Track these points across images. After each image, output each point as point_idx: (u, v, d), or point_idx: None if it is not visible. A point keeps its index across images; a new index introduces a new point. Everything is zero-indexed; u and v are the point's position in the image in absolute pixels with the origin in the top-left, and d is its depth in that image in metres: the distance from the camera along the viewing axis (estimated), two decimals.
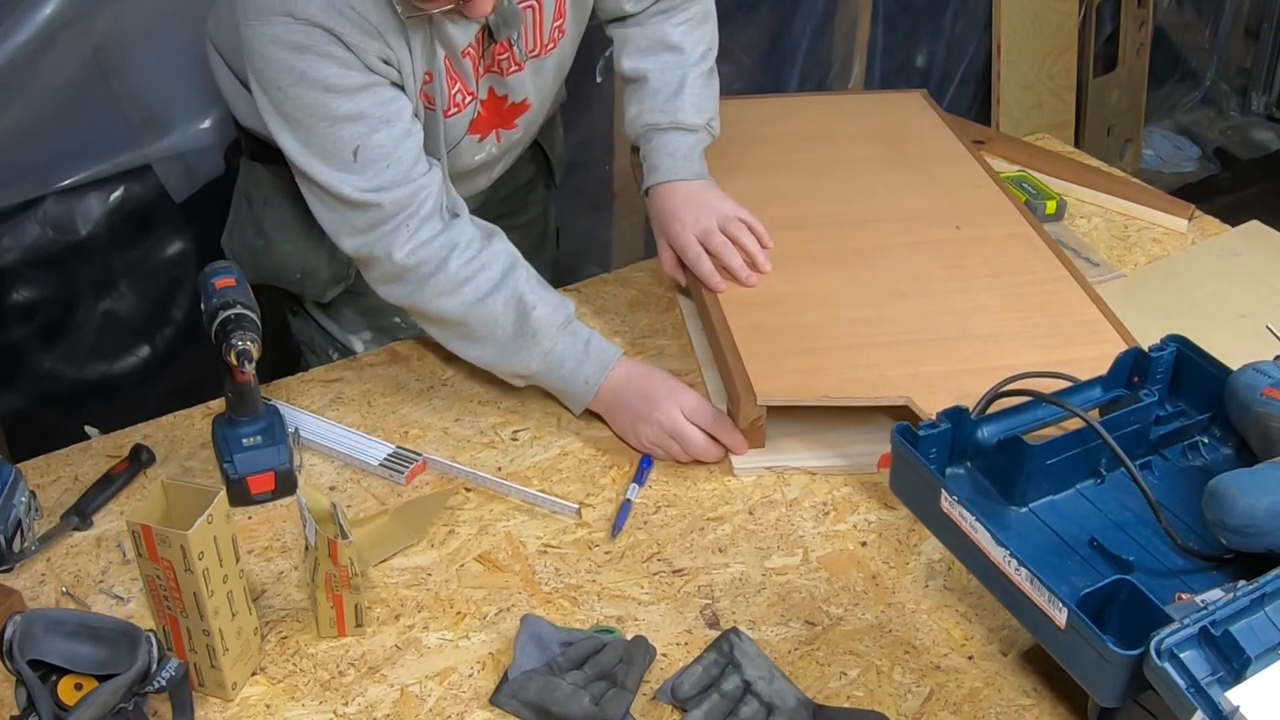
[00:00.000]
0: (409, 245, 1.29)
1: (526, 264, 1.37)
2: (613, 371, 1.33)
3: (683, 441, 1.30)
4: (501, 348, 1.34)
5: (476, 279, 1.31)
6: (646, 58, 1.53)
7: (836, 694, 1.05)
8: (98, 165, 1.87)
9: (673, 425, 1.30)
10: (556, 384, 1.36)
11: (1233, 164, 3.88)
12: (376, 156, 1.26)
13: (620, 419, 1.34)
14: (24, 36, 1.71)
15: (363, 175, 1.26)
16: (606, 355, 1.34)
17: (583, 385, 1.34)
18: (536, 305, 1.32)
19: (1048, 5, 3.20)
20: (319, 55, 1.20)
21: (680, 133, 1.51)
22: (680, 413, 1.30)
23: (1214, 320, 1.51)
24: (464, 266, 1.31)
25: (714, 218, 1.46)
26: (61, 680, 0.95)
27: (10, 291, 1.90)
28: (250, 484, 1.24)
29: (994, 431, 1.11)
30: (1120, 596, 0.93)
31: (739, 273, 1.43)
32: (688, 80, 1.51)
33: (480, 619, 1.13)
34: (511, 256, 1.35)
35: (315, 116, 1.24)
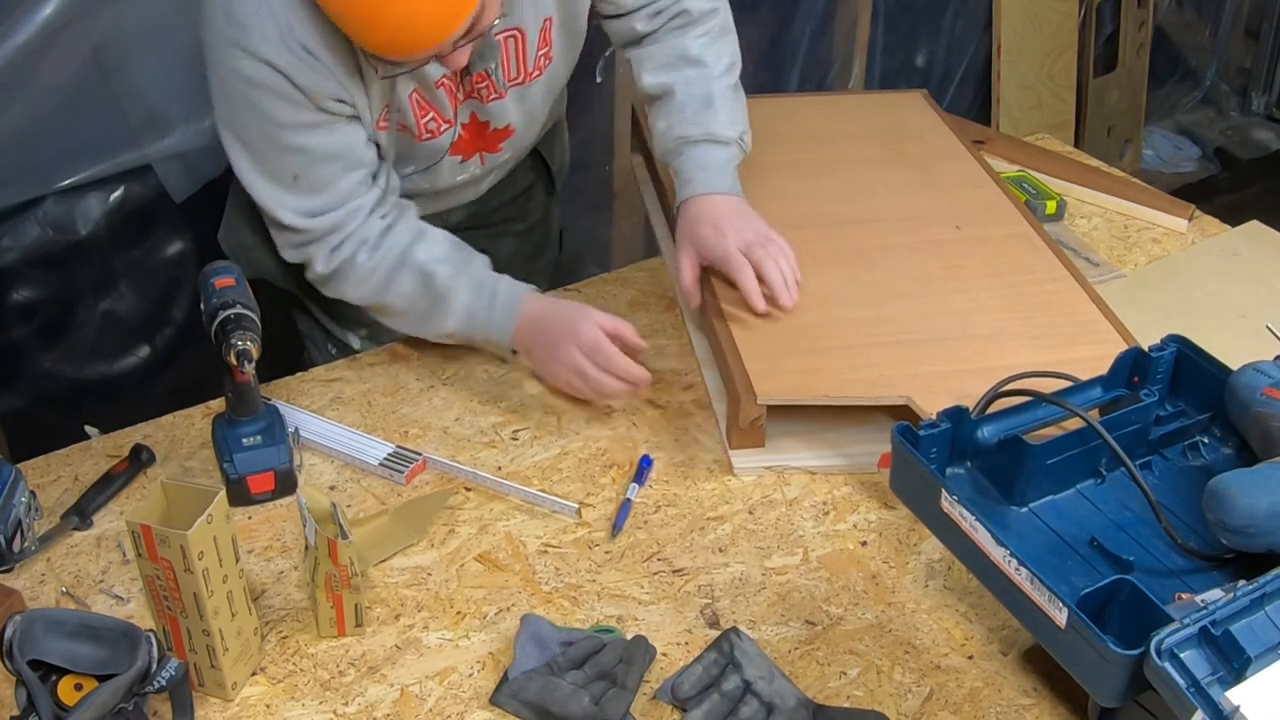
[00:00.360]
0: (329, 257, 1.36)
1: (433, 233, 1.40)
2: (523, 311, 1.36)
3: (588, 380, 1.32)
4: (421, 315, 1.40)
5: (380, 266, 1.37)
6: (669, 72, 1.48)
7: (836, 694, 1.05)
8: (98, 165, 1.87)
9: (574, 365, 1.32)
10: (477, 337, 1.40)
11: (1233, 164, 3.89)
12: (316, 185, 1.32)
13: (537, 357, 1.38)
14: (24, 36, 1.71)
15: (300, 199, 1.33)
16: (513, 299, 1.37)
17: (499, 332, 1.38)
18: (437, 272, 1.36)
19: (1048, 5, 3.20)
20: (269, 92, 1.24)
21: (714, 145, 1.46)
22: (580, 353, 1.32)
23: (1214, 320, 1.51)
24: (369, 258, 1.36)
25: (757, 234, 1.40)
26: (61, 680, 0.95)
27: (10, 291, 1.90)
28: (250, 484, 1.24)
29: (994, 431, 1.11)
30: (1120, 596, 0.93)
31: (779, 291, 1.36)
32: (715, 93, 1.47)
33: (480, 619, 1.13)
34: (412, 234, 1.38)
35: (263, 140, 1.29)
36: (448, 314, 1.37)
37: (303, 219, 1.33)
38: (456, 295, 1.37)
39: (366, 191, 1.35)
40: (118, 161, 1.88)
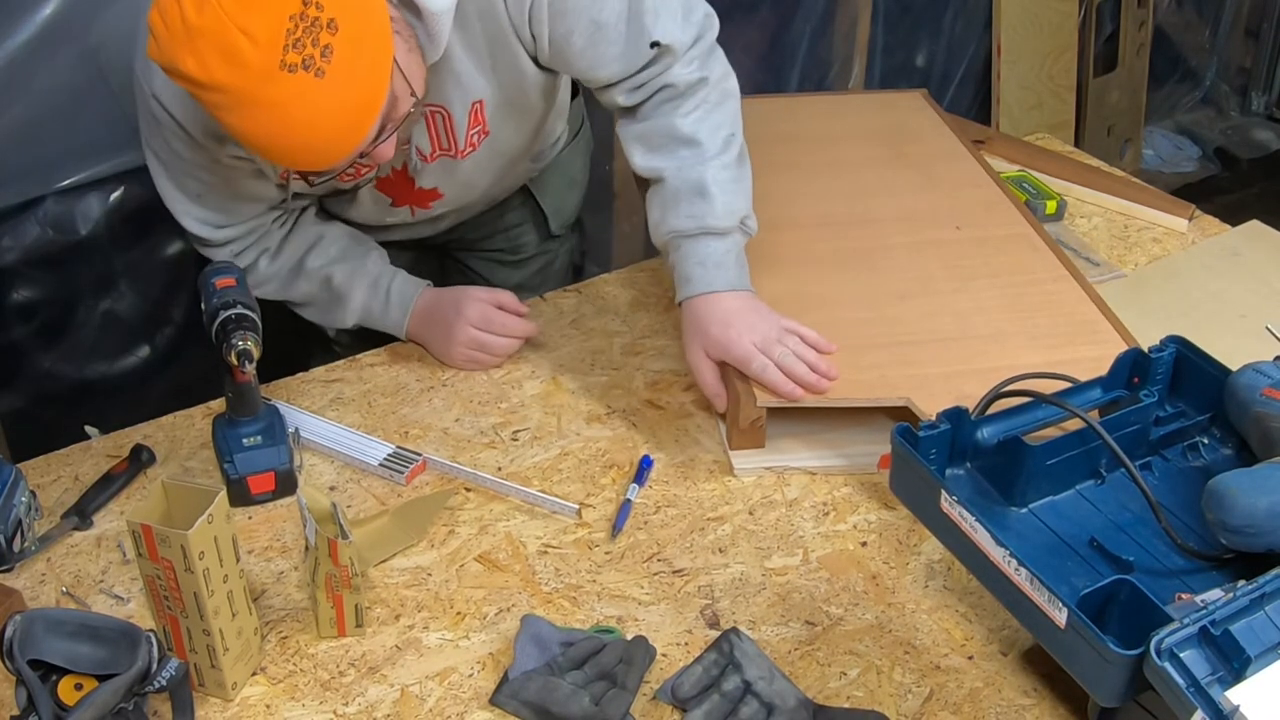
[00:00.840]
0: (236, 261, 1.41)
1: (330, 233, 1.47)
2: (415, 307, 1.46)
3: (484, 347, 1.43)
4: (322, 311, 1.50)
5: (280, 272, 1.46)
6: (660, 156, 1.34)
7: (836, 694, 1.05)
8: (98, 165, 1.87)
9: (468, 338, 1.42)
10: (377, 328, 1.50)
11: (1233, 164, 3.88)
12: (218, 208, 1.38)
13: (434, 345, 1.47)
14: (24, 36, 1.71)
15: (203, 211, 1.38)
16: (405, 298, 1.47)
17: (394, 327, 1.48)
18: (332, 275, 1.45)
19: (1048, 5, 3.20)
20: (174, 134, 1.28)
21: (711, 238, 1.32)
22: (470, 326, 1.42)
23: (1214, 320, 1.51)
24: (269, 264, 1.45)
25: (771, 327, 1.29)
26: (61, 680, 0.95)
27: (10, 291, 1.89)
28: (250, 484, 1.24)
29: (994, 432, 1.11)
30: (1120, 596, 0.93)
31: (811, 384, 1.27)
32: (709, 178, 1.31)
33: (480, 619, 1.13)
34: (308, 241, 1.46)
35: (171, 160, 1.33)
36: (346, 312, 1.48)
37: (205, 229, 1.39)
38: (352, 295, 1.46)
39: (268, 213, 1.41)
40: (118, 161, 1.88)
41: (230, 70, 1.02)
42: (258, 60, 1.02)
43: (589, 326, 1.54)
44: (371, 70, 1.09)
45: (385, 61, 1.10)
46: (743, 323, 1.29)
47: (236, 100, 1.05)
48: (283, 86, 1.04)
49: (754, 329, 1.29)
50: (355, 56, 1.06)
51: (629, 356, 1.48)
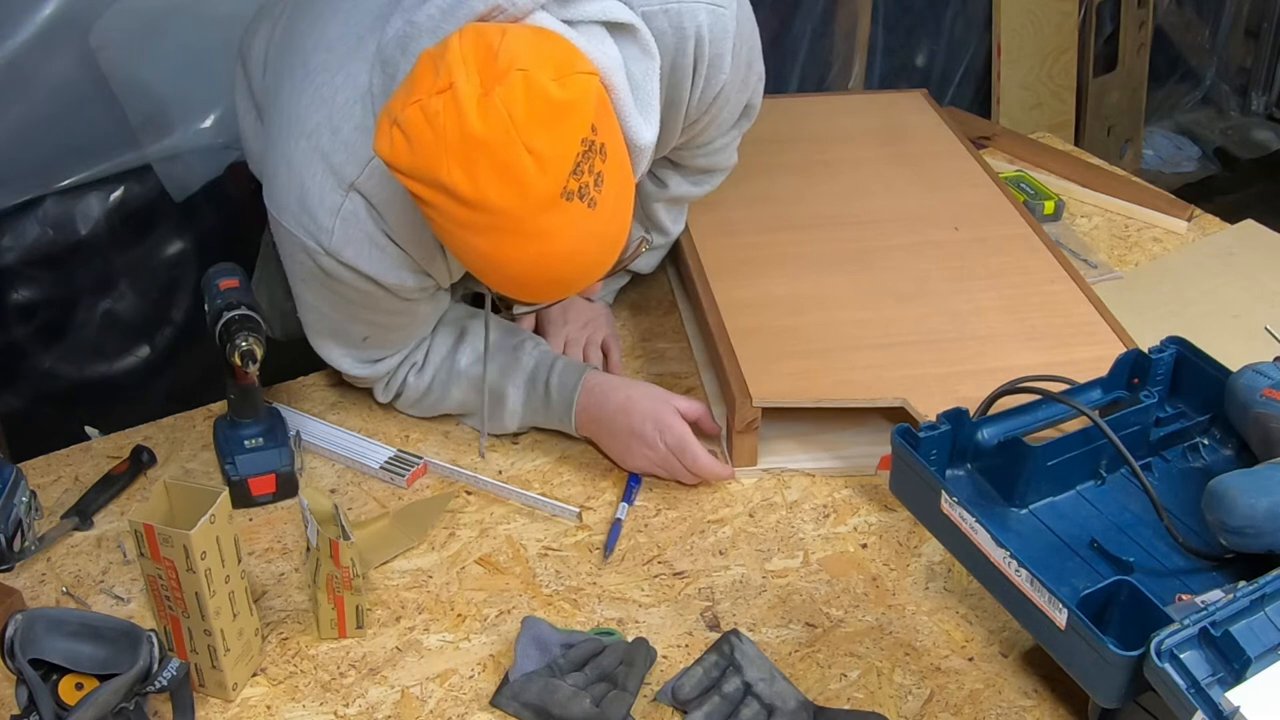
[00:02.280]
0: (385, 389, 1.34)
1: (476, 329, 1.33)
2: (579, 405, 1.28)
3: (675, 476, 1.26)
4: (483, 417, 1.33)
5: (433, 384, 1.32)
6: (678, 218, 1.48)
7: (837, 696, 1.05)
8: (98, 165, 1.87)
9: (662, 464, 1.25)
10: (544, 426, 1.34)
11: (1233, 164, 3.88)
12: (384, 344, 1.29)
13: (609, 448, 1.30)
14: (24, 36, 1.71)
15: (365, 352, 1.29)
16: (566, 393, 1.29)
17: (559, 424, 1.32)
18: (484, 374, 1.30)
19: (1048, 5, 3.20)
20: (349, 287, 1.16)
21: None
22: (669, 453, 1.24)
23: (1209, 320, 1.51)
24: (416, 379, 1.33)
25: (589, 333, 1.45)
26: (62, 680, 0.95)
27: (10, 291, 1.89)
28: (251, 485, 1.24)
29: (994, 433, 1.11)
30: (1120, 597, 0.94)
31: None
32: None
33: (481, 621, 1.13)
34: (452, 338, 1.32)
35: (335, 312, 1.23)
36: (505, 414, 1.32)
37: (365, 368, 1.30)
38: (508, 395, 1.30)
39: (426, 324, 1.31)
40: (118, 161, 1.88)
41: (507, 192, 0.92)
42: (541, 186, 0.92)
43: None
44: (625, 199, 1.02)
45: (633, 188, 1.04)
46: None
47: (502, 225, 0.94)
48: (558, 215, 0.94)
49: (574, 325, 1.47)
50: (618, 185, 0.99)
51: (629, 359, 1.48)
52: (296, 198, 1.11)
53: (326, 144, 1.08)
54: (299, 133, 1.10)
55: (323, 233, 1.11)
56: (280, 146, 1.12)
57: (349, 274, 1.14)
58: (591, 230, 0.98)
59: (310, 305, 1.24)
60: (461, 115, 0.90)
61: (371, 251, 1.12)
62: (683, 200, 1.47)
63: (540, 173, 0.92)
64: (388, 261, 1.14)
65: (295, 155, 1.10)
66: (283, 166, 1.11)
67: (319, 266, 1.14)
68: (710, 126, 1.30)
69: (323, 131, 1.09)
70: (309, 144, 1.09)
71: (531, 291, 1.04)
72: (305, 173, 1.09)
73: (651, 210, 1.45)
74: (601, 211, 0.97)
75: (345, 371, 1.32)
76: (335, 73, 1.10)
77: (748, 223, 1.56)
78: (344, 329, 1.26)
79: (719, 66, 1.18)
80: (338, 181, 1.09)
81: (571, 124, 0.93)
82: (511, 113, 0.90)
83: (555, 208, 0.94)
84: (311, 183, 1.09)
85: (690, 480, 1.27)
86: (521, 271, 0.99)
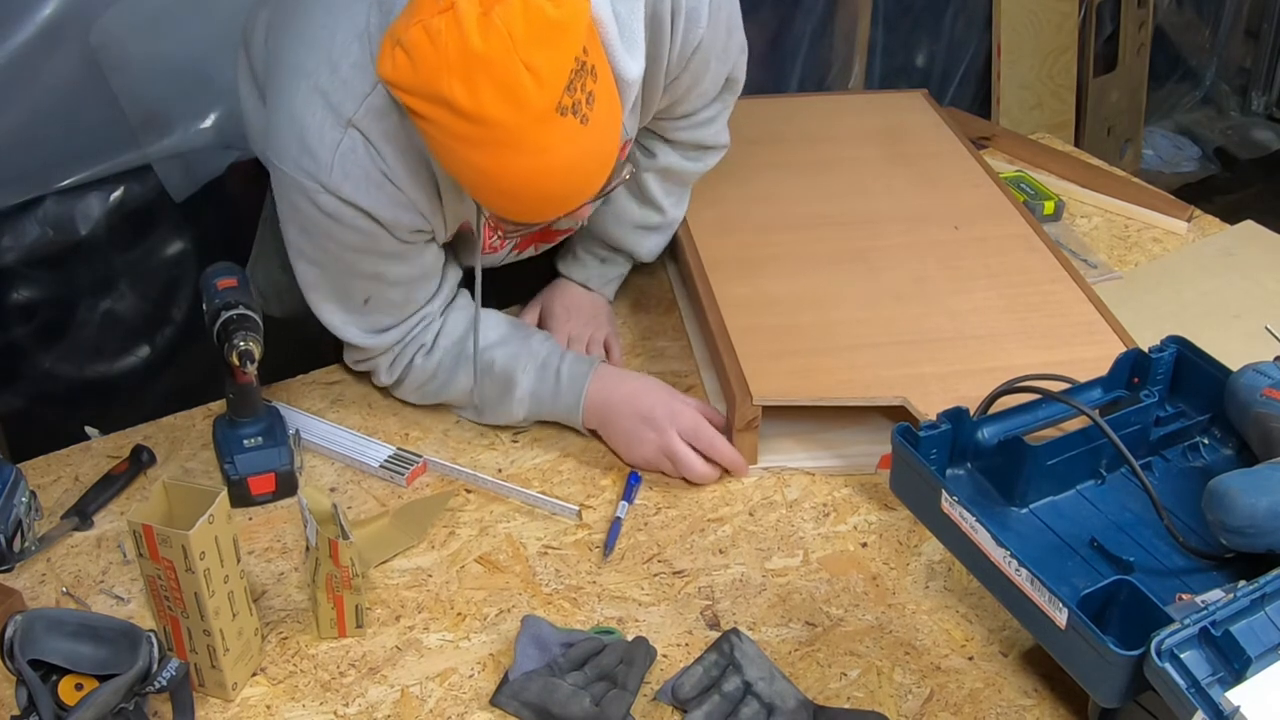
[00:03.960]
0: (390, 368, 1.34)
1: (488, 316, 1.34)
2: (589, 392, 1.30)
3: (679, 465, 1.27)
4: (486, 405, 1.34)
5: (441, 365, 1.33)
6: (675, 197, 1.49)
7: (837, 695, 1.05)
8: (98, 165, 1.87)
9: (669, 449, 1.27)
10: (548, 418, 1.35)
11: (1233, 164, 3.88)
12: (386, 306, 1.29)
13: (614, 438, 1.31)
14: (24, 36, 1.71)
15: (367, 318, 1.29)
16: (578, 378, 1.31)
17: (567, 413, 1.32)
18: (496, 359, 1.31)
19: (1048, 5, 3.20)
20: (346, 226, 1.17)
21: None
22: (678, 435, 1.27)
23: (1208, 320, 1.51)
24: (424, 360, 1.33)
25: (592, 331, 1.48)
26: (62, 680, 0.95)
27: (10, 291, 1.90)
28: (251, 485, 1.24)
29: (994, 432, 1.11)
30: (1120, 597, 0.93)
31: None
32: None
33: (481, 620, 1.13)
34: (466, 322, 1.33)
35: (335, 266, 1.24)
36: (513, 401, 1.32)
37: (369, 337, 1.30)
38: (519, 380, 1.31)
39: (431, 299, 1.31)
40: (118, 161, 1.88)
41: (506, 106, 0.97)
42: (538, 100, 0.97)
43: None
44: (614, 119, 1.07)
45: (620, 113, 1.08)
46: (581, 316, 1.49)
47: (500, 138, 0.98)
48: (553, 130, 0.99)
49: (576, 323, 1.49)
50: (607, 106, 1.04)
51: (629, 358, 1.48)
52: (297, 138, 1.13)
53: (325, 82, 1.11)
54: (299, 75, 1.13)
55: (322, 170, 1.13)
56: (281, 95, 1.15)
57: (348, 211, 1.16)
58: (583, 146, 1.03)
59: (311, 263, 1.25)
60: (463, 33, 0.94)
61: (369, 188, 1.15)
62: (675, 174, 1.47)
63: (538, 88, 0.96)
64: (384, 198, 1.16)
65: (295, 98, 1.13)
66: (284, 113, 1.14)
67: (318, 208, 1.16)
68: (692, 91, 1.33)
69: (321, 70, 1.11)
70: (308, 84, 1.12)
71: (526, 207, 1.08)
72: (305, 112, 1.12)
73: (643, 182, 1.46)
74: (593, 129, 1.02)
75: (350, 342, 1.31)
76: (334, 18, 1.13)
77: (748, 221, 1.56)
78: (345, 289, 1.26)
79: (695, 20, 1.23)
80: (336, 119, 1.11)
81: (566, 42, 0.97)
82: (511, 30, 0.94)
83: (551, 122, 0.99)
84: (311, 120, 1.12)
85: (699, 470, 1.27)
86: (517, 185, 1.03)
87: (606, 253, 1.52)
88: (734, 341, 1.34)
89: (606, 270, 1.53)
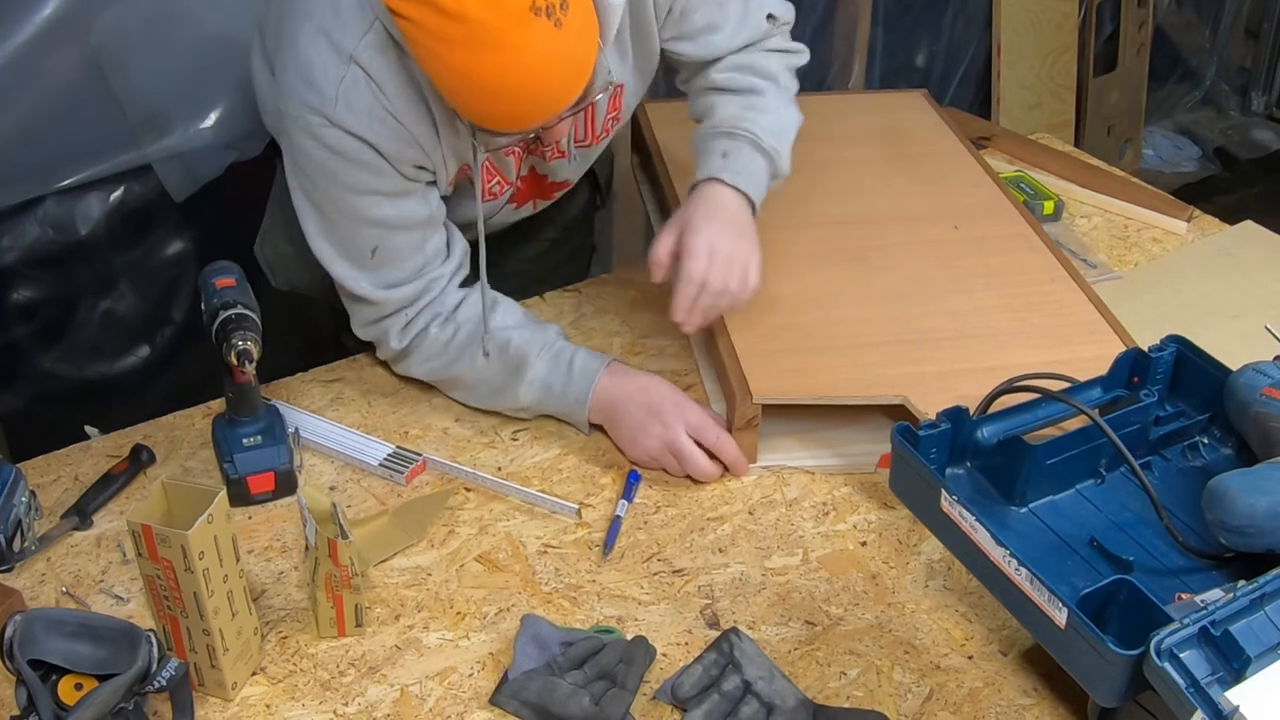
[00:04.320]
0: (403, 332, 1.34)
1: (505, 301, 1.37)
2: (600, 383, 1.31)
3: (683, 460, 1.28)
4: (493, 387, 1.35)
5: (455, 337, 1.34)
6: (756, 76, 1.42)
7: (836, 694, 1.05)
8: (98, 165, 1.87)
9: (674, 443, 1.28)
10: (552, 409, 1.35)
11: (1233, 164, 3.88)
12: (394, 257, 1.30)
13: (620, 431, 1.32)
14: (24, 36, 1.71)
15: (376, 273, 1.30)
16: (590, 369, 1.32)
17: (575, 404, 1.33)
18: (512, 339, 1.33)
19: (1048, 5, 3.20)
20: (351, 161, 1.21)
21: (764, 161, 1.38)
22: (684, 430, 1.28)
23: (1208, 320, 1.51)
24: (441, 330, 1.34)
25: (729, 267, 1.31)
26: (61, 680, 0.95)
27: (10, 291, 1.89)
28: (250, 484, 1.24)
29: (994, 431, 1.11)
30: (1120, 596, 0.93)
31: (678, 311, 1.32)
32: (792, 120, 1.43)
33: (480, 619, 1.13)
34: (482, 303, 1.33)
35: (341, 213, 1.26)
36: (522, 383, 1.32)
37: (380, 291, 1.31)
38: (532, 364, 1.32)
39: (444, 261, 1.33)
40: (118, 161, 1.88)
41: (484, 4, 1.01)
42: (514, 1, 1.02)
43: (589, 326, 1.54)
44: (589, 30, 1.11)
45: (595, 25, 1.12)
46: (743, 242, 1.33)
47: (477, 36, 1.03)
48: (529, 31, 1.03)
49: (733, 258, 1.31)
50: (581, 13, 1.08)
51: (629, 356, 1.48)
52: (303, 77, 1.18)
53: (328, 22, 1.17)
54: (303, 17, 1.18)
55: (327, 103, 1.17)
56: (287, 39, 1.20)
57: (353, 144, 1.19)
58: (559, 50, 1.07)
59: (317, 210, 1.27)
60: None
61: (370, 121, 1.19)
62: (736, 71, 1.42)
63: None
64: (386, 131, 1.20)
65: (300, 38, 1.18)
66: (290, 52, 1.19)
67: (324, 144, 1.20)
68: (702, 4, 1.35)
69: (325, 11, 1.17)
70: (312, 25, 1.17)
71: (503, 110, 1.11)
72: (310, 50, 1.17)
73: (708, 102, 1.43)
74: (568, 33, 1.06)
75: (363, 295, 1.31)
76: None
77: None
78: (352, 239, 1.28)
79: None
80: (339, 55, 1.17)
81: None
82: None
83: (526, 22, 1.03)
84: (316, 58, 1.17)
85: (704, 466, 1.27)
86: (494, 86, 1.07)
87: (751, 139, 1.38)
88: (734, 340, 1.34)
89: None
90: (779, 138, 1.39)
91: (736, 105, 1.40)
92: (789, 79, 1.45)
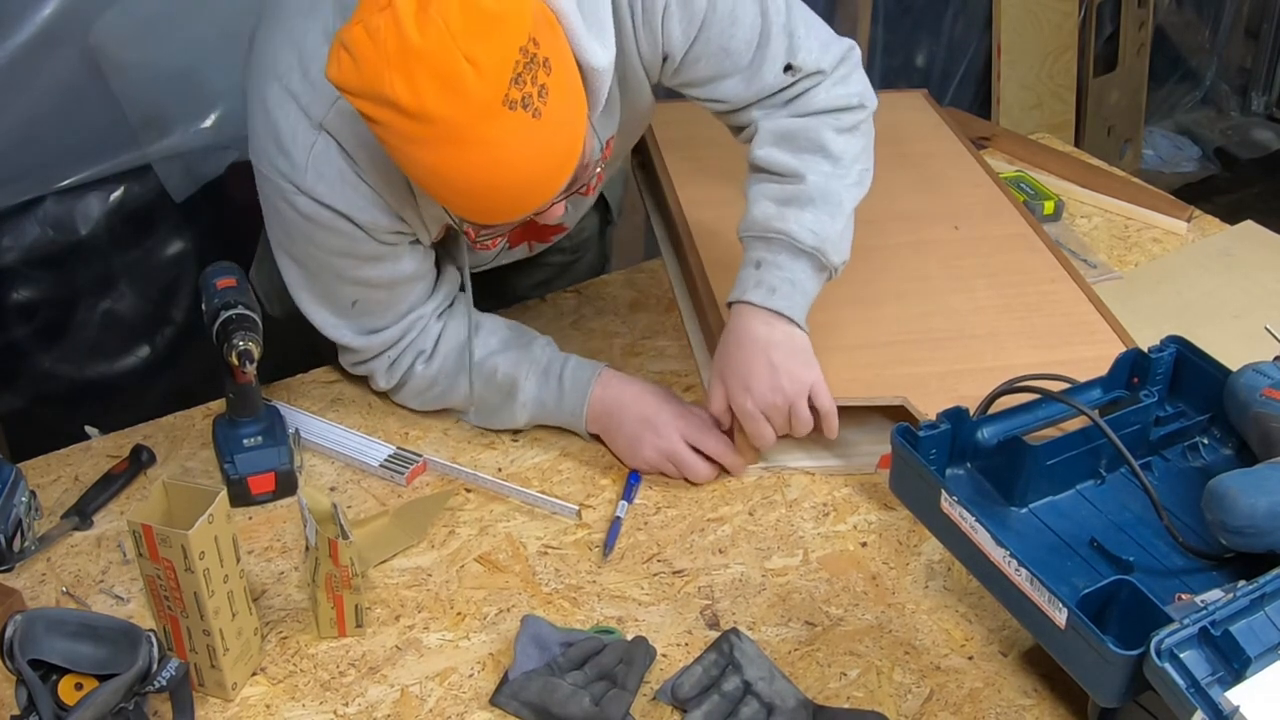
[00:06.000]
0: (389, 372, 1.33)
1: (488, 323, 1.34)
2: (594, 395, 1.30)
3: (682, 468, 1.27)
4: (489, 411, 1.34)
5: (441, 372, 1.32)
6: (800, 157, 1.26)
7: (836, 694, 1.05)
8: (98, 165, 1.87)
9: (672, 452, 1.27)
10: (552, 423, 1.34)
11: (1233, 164, 3.89)
12: (374, 309, 1.28)
13: (617, 442, 1.31)
14: (24, 36, 1.71)
15: (358, 322, 1.29)
16: (582, 382, 1.30)
17: (570, 418, 1.32)
18: (498, 367, 1.31)
19: (1048, 5, 3.20)
20: (325, 228, 1.17)
21: (809, 262, 1.25)
22: (680, 438, 1.27)
23: (1208, 320, 1.51)
24: (425, 367, 1.32)
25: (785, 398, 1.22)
26: (62, 680, 0.95)
27: (10, 291, 1.90)
28: (251, 484, 1.24)
29: (994, 432, 1.11)
30: (1120, 597, 0.93)
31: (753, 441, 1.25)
32: (847, 202, 1.28)
33: (480, 619, 1.13)
34: (464, 329, 1.31)
35: (320, 267, 1.24)
36: (516, 406, 1.31)
37: (362, 338, 1.30)
38: (522, 386, 1.30)
39: (425, 301, 1.30)
40: (118, 161, 1.88)
41: (448, 100, 0.94)
42: (481, 93, 0.94)
43: (589, 327, 1.54)
44: (575, 112, 1.03)
45: (583, 108, 1.05)
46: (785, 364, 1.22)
47: (445, 134, 0.96)
48: (500, 124, 0.96)
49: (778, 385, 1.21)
50: (564, 100, 1.00)
51: (629, 357, 1.48)
52: (273, 139, 1.13)
53: (297, 86, 1.12)
54: (272, 75, 1.13)
55: (297, 171, 1.13)
56: (257, 90, 1.15)
57: (326, 214, 1.16)
58: (536, 140, 0.99)
59: (295, 265, 1.25)
60: (400, 28, 0.92)
61: (344, 190, 1.15)
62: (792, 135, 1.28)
63: (479, 80, 0.93)
64: (360, 200, 1.16)
65: (269, 98, 1.13)
66: (259, 111, 1.15)
67: (297, 210, 1.16)
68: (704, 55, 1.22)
69: (294, 73, 1.12)
70: (280, 86, 1.13)
71: (482, 205, 1.04)
72: (279, 114, 1.13)
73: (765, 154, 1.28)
74: (547, 122, 0.98)
75: (344, 344, 1.30)
76: (307, 15, 1.13)
77: None
78: (331, 292, 1.26)
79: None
80: (308, 122, 1.12)
81: (507, 33, 0.94)
82: (448, 23, 0.92)
83: (497, 116, 0.95)
84: (285, 123, 1.13)
85: (702, 471, 1.27)
86: (469, 183, 1.00)
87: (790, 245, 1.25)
88: None
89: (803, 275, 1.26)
90: (823, 228, 1.24)
91: (773, 198, 1.26)
92: (842, 143, 1.28)
